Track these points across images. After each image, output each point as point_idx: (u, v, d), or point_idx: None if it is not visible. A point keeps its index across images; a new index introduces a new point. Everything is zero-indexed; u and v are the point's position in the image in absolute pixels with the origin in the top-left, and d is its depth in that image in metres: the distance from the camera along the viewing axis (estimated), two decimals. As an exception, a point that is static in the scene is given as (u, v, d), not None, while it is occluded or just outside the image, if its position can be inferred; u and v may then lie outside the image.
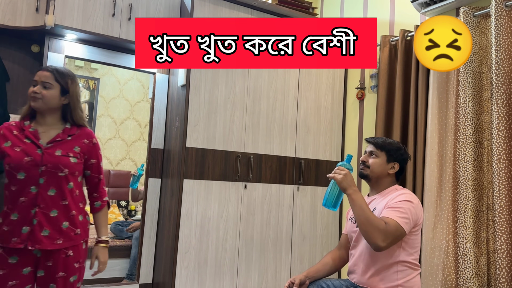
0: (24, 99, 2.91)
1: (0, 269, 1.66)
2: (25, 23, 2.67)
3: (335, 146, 3.40)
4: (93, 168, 1.85)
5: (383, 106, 2.90)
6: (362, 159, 2.02)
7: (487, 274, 2.29)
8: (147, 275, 3.03)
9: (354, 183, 1.79)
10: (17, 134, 1.73)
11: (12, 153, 1.68)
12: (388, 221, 1.74)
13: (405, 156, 2.01)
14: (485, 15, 2.45)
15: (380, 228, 1.70)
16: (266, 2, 3.07)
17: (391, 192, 1.94)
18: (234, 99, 2.96)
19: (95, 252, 1.86)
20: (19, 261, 1.68)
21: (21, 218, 1.67)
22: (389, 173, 1.98)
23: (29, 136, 1.73)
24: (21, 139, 1.72)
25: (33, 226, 1.67)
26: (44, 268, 1.72)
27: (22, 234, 1.66)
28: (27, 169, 1.68)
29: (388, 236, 1.71)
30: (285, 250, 3.11)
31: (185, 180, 2.75)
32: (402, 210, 1.78)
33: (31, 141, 1.73)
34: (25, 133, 1.74)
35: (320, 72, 3.36)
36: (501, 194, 2.17)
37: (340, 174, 1.79)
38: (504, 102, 2.23)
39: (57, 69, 1.81)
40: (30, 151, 1.70)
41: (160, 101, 3.15)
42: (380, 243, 1.70)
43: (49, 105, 1.76)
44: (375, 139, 2.03)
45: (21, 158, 1.68)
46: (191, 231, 2.76)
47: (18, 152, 1.69)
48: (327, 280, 2.03)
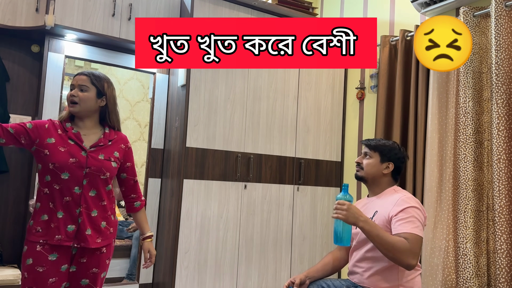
0: (24, 98, 2.91)
1: (40, 266, 1.68)
2: (25, 23, 2.67)
3: (335, 146, 3.40)
4: (128, 171, 1.92)
5: (383, 106, 2.90)
6: (357, 161, 2.04)
7: (487, 274, 2.29)
8: (147, 275, 3.03)
9: (360, 213, 1.74)
10: (61, 134, 1.77)
11: (57, 152, 1.73)
12: (407, 237, 1.72)
13: (399, 155, 1.99)
14: (485, 15, 2.45)
15: (405, 249, 1.69)
16: (266, 2, 3.07)
17: (390, 194, 1.93)
18: (234, 99, 2.96)
19: (146, 247, 1.95)
20: (58, 258, 1.72)
21: (67, 217, 1.73)
22: (384, 173, 1.97)
23: (73, 138, 1.78)
24: (65, 139, 1.77)
25: (79, 225, 1.74)
26: (76, 264, 1.77)
27: (68, 232, 1.72)
28: (72, 170, 1.73)
29: (415, 251, 1.71)
30: (285, 250, 3.11)
31: (185, 180, 2.75)
32: (413, 219, 1.77)
33: (75, 142, 1.78)
34: (69, 134, 1.78)
35: (320, 72, 3.36)
36: (501, 194, 2.17)
37: (343, 211, 1.72)
38: (504, 102, 2.23)
39: (93, 73, 1.86)
40: (75, 153, 1.76)
41: (160, 101, 3.15)
42: (412, 262, 1.71)
43: (87, 108, 1.80)
44: (369, 141, 2.03)
45: (67, 159, 1.73)
46: (191, 231, 2.76)
47: (63, 153, 1.73)
48: (327, 280, 2.03)
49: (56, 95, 2.79)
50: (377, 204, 1.93)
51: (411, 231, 1.73)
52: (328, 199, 3.34)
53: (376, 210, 1.90)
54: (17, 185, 2.86)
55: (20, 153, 2.88)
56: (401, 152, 2.01)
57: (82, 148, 1.78)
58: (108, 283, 3.04)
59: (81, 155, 1.76)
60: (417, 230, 1.75)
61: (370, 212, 1.92)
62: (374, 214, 1.89)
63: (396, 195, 1.89)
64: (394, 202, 1.85)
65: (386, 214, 1.84)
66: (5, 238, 2.81)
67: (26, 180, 2.88)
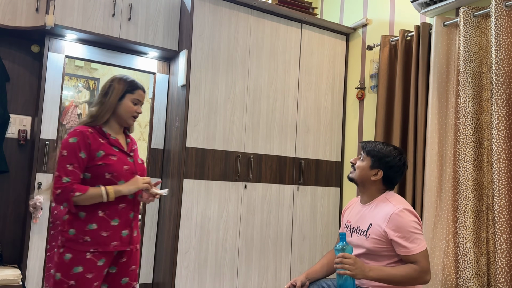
0: (24, 98, 2.91)
1: (89, 273, 1.70)
2: (25, 23, 2.67)
3: (335, 146, 3.40)
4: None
5: (383, 106, 2.91)
6: (351, 161, 2.01)
7: (487, 274, 2.29)
8: (147, 275, 3.03)
9: (365, 265, 1.72)
10: (103, 143, 1.78)
11: (111, 162, 1.76)
12: (414, 259, 1.74)
13: (392, 163, 1.88)
14: (485, 15, 2.45)
15: (418, 274, 1.72)
16: (266, 2, 3.07)
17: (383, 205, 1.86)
18: (234, 99, 2.96)
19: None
20: (105, 262, 1.75)
21: (122, 223, 1.78)
22: (372, 179, 1.90)
23: (115, 145, 1.82)
24: (109, 147, 1.79)
25: (131, 229, 1.81)
26: (116, 265, 1.81)
27: (123, 238, 1.78)
28: (126, 177, 1.78)
29: (426, 268, 1.74)
30: (285, 250, 3.11)
31: (185, 180, 2.75)
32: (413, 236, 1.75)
33: (118, 149, 1.82)
34: (110, 141, 1.81)
35: (320, 72, 3.36)
36: (501, 194, 2.17)
37: (350, 266, 1.68)
38: (504, 102, 2.23)
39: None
40: (125, 160, 1.81)
41: (160, 101, 3.15)
42: (427, 278, 1.74)
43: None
44: (366, 143, 1.97)
45: (121, 167, 1.78)
46: (191, 231, 2.76)
47: (116, 161, 1.77)
48: (327, 280, 2.03)
49: (56, 95, 2.79)
50: (370, 215, 1.88)
51: (416, 250, 1.74)
52: (328, 199, 3.35)
53: (371, 223, 1.86)
54: (17, 185, 2.86)
55: (20, 153, 2.88)
56: (397, 161, 1.89)
57: (127, 154, 1.84)
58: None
59: (128, 161, 1.82)
60: (420, 246, 1.74)
61: (365, 224, 1.88)
62: (369, 227, 1.85)
63: (388, 207, 1.82)
64: (387, 216, 1.79)
65: (380, 229, 1.80)
66: (5, 238, 2.81)
67: (26, 180, 2.88)
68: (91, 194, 1.69)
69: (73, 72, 3.23)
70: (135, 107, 1.84)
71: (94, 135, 1.76)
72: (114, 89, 1.81)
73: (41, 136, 2.72)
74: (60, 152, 1.72)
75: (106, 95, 1.81)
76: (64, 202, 1.67)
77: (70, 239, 1.71)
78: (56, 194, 1.67)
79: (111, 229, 1.74)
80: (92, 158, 1.73)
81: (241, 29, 3.02)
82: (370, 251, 1.84)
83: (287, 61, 3.21)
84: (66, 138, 1.74)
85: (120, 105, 1.82)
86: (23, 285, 2.50)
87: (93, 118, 1.79)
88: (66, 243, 1.71)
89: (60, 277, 1.69)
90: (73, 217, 1.73)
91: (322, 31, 3.38)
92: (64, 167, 1.69)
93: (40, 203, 2.64)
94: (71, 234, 1.71)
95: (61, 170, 1.68)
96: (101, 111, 1.80)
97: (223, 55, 2.94)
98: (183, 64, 2.84)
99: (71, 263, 1.69)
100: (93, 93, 3.32)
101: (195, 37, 2.84)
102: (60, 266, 1.69)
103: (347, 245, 1.75)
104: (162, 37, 3.00)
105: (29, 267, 2.65)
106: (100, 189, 1.70)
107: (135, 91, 1.84)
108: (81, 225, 1.72)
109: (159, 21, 3.00)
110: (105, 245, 1.72)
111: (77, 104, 3.28)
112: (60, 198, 1.67)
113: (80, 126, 1.77)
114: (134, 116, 1.85)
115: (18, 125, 2.87)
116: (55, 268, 1.71)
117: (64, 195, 1.66)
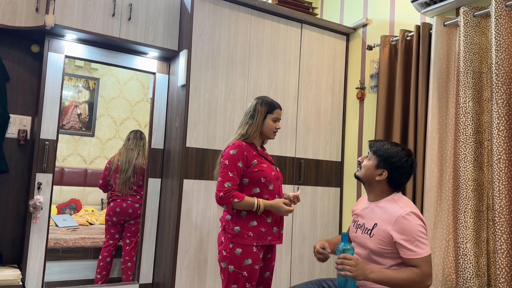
0: (24, 98, 2.91)
1: (257, 264, 2.07)
2: (25, 23, 2.67)
3: (335, 146, 3.40)
4: None
5: (383, 106, 2.90)
6: (358, 159, 2.00)
7: (487, 274, 2.29)
8: (147, 275, 3.03)
9: (366, 266, 1.71)
10: (255, 154, 2.17)
11: (264, 169, 2.14)
12: (417, 263, 1.72)
13: (398, 165, 1.85)
14: (485, 15, 2.45)
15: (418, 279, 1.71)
16: (266, 2, 3.07)
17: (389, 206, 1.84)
18: (234, 99, 2.96)
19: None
20: (262, 256, 2.13)
21: (273, 221, 2.14)
22: (377, 179, 1.88)
23: (263, 155, 2.22)
24: (259, 157, 2.18)
25: (279, 226, 2.17)
26: (264, 260, 2.19)
27: (274, 233, 2.14)
28: (274, 182, 2.17)
29: (428, 273, 1.72)
30: (285, 250, 3.11)
31: (185, 180, 2.75)
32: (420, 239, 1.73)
33: (265, 158, 2.22)
34: (259, 152, 2.20)
35: (320, 72, 3.36)
36: (501, 194, 2.17)
37: (352, 267, 1.67)
38: (504, 102, 2.23)
39: None
40: (271, 167, 2.20)
41: (160, 101, 3.15)
42: (428, 282, 1.73)
43: None
44: (374, 142, 1.96)
45: (270, 173, 2.16)
46: (191, 231, 2.76)
47: (267, 168, 2.16)
48: (327, 280, 2.03)
49: (56, 95, 2.79)
50: (376, 215, 1.87)
51: (419, 255, 1.72)
52: (328, 199, 3.34)
53: (376, 222, 1.85)
54: (17, 185, 2.86)
55: (20, 153, 2.88)
56: (403, 162, 1.86)
57: (271, 162, 2.25)
58: (108, 283, 3.04)
59: (273, 168, 2.21)
60: (424, 251, 1.73)
61: (370, 223, 1.88)
62: (374, 226, 1.85)
63: (395, 209, 1.80)
64: (393, 218, 1.78)
65: (385, 231, 1.79)
66: (5, 238, 2.81)
67: (26, 180, 2.88)
68: (246, 203, 2.05)
69: (73, 72, 3.23)
70: (274, 124, 2.22)
71: (248, 148, 2.15)
72: (258, 111, 2.18)
73: (41, 136, 2.72)
74: (223, 162, 2.09)
75: (253, 117, 2.18)
76: (224, 204, 2.04)
77: (236, 235, 2.06)
78: (219, 197, 2.04)
79: (267, 225, 2.10)
80: (249, 166, 2.11)
81: (241, 29, 3.02)
82: (373, 252, 1.83)
83: (287, 61, 3.21)
84: (227, 150, 2.11)
85: (264, 125, 2.20)
86: (23, 285, 2.50)
87: (246, 136, 2.17)
88: (233, 239, 2.06)
89: (233, 269, 2.03)
90: (236, 216, 2.09)
91: (322, 31, 3.38)
92: (226, 174, 2.06)
93: (40, 203, 2.64)
94: (236, 231, 2.06)
95: (224, 176, 2.06)
96: (251, 131, 2.17)
97: (223, 55, 2.94)
98: (183, 64, 2.84)
99: (242, 256, 2.03)
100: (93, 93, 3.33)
101: (195, 37, 2.84)
102: (232, 259, 2.04)
103: (349, 245, 1.74)
104: (162, 37, 3.00)
105: (29, 267, 2.65)
106: (254, 200, 2.06)
107: (274, 111, 2.21)
108: (244, 223, 2.07)
109: (159, 21, 3.00)
110: (264, 239, 2.08)
111: (77, 104, 3.28)
112: (222, 201, 2.04)
113: (237, 141, 2.14)
114: (274, 132, 2.22)
115: (18, 125, 2.87)
116: (227, 261, 2.05)
117: (225, 199, 2.03)
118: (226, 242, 2.08)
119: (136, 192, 3.15)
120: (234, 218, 2.09)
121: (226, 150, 2.12)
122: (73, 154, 3.26)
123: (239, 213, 2.08)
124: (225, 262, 2.06)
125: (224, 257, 2.07)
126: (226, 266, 2.05)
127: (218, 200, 2.05)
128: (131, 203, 3.13)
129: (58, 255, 2.95)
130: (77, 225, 3.21)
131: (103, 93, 3.36)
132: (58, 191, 3.21)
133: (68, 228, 3.15)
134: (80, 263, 3.06)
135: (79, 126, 3.28)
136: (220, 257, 2.09)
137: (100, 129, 3.36)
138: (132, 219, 3.14)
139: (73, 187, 3.28)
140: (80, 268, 3.05)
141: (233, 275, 2.03)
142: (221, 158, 2.12)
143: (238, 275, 2.03)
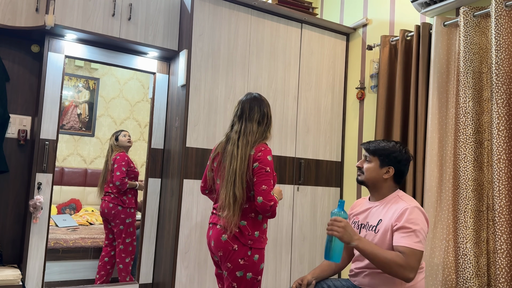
0: (24, 98, 2.91)
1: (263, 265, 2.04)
2: (25, 23, 2.67)
3: (335, 146, 3.40)
4: None
5: (383, 106, 2.90)
6: (357, 165, 2.00)
7: (487, 274, 2.29)
8: (147, 275, 3.03)
9: (355, 232, 1.73)
10: None
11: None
12: (404, 251, 1.70)
13: (400, 157, 1.91)
14: (485, 15, 2.45)
15: (401, 263, 1.68)
16: (266, 2, 3.07)
17: (395, 202, 1.87)
18: (234, 99, 2.96)
19: None
20: None
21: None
22: (385, 178, 1.92)
23: None
24: None
25: None
26: None
27: None
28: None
29: (412, 265, 1.69)
30: (285, 250, 3.11)
31: (185, 180, 2.75)
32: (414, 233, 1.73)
33: None
34: None
35: (320, 72, 3.36)
36: (501, 194, 2.17)
37: (339, 228, 1.70)
38: (504, 102, 2.23)
39: None
40: None
41: (160, 101, 3.15)
42: (408, 275, 1.69)
43: None
44: (368, 144, 1.98)
45: None
46: (191, 231, 2.76)
47: None
48: (327, 281, 2.03)
49: (56, 95, 2.78)
50: (382, 212, 1.89)
51: (410, 245, 1.71)
52: (328, 199, 3.34)
53: (380, 218, 1.86)
54: (17, 185, 2.86)
55: (20, 153, 2.88)
56: (403, 154, 1.93)
57: None
58: (108, 283, 3.04)
59: None
60: (417, 245, 1.72)
61: (374, 220, 1.89)
62: (378, 222, 1.86)
63: (401, 204, 1.83)
64: (398, 212, 1.80)
65: (389, 224, 1.81)
66: (5, 238, 2.81)
67: (26, 180, 2.88)
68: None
69: (73, 72, 3.23)
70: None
71: None
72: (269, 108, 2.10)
73: (41, 136, 2.72)
74: (264, 169, 1.93)
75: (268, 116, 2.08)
76: (271, 213, 1.91)
77: (257, 240, 1.98)
78: (270, 206, 1.89)
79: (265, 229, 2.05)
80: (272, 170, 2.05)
81: (241, 29, 3.02)
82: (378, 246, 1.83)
83: (287, 61, 3.21)
84: (264, 156, 1.95)
85: None
86: (23, 285, 2.50)
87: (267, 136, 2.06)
88: (253, 245, 1.96)
89: (251, 276, 1.95)
90: (253, 221, 1.98)
91: (322, 31, 3.38)
92: (269, 182, 1.93)
93: (40, 203, 2.64)
94: (256, 236, 1.98)
95: (269, 185, 1.92)
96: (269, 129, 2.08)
97: (223, 55, 2.94)
98: (183, 64, 2.84)
99: (259, 262, 1.97)
100: (93, 93, 3.33)
101: (195, 37, 2.84)
102: (251, 266, 1.94)
103: (343, 212, 1.77)
104: (162, 37, 3.00)
105: (29, 267, 2.65)
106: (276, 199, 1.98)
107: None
108: (261, 226, 2.01)
109: (159, 21, 3.00)
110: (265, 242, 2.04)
111: (77, 104, 3.28)
112: (274, 210, 1.91)
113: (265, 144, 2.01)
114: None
115: (18, 125, 2.87)
116: (244, 269, 1.93)
117: (275, 207, 1.91)
118: (242, 249, 1.94)
119: (110, 191, 3.10)
120: (252, 223, 1.97)
121: (263, 155, 1.96)
122: (73, 154, 3.26)
123: (257, 216, 1.99)
124: (243, 270, 1.94)
125: (241, 266, 1.94)
126: (244, 274, 1.94)
127: (268, 210, 1.89)
128: (106, 203, 3.09)
129: (58, 255, 2.95)
130: (77, 225, 3.21)
131: (103, 93, 3.36)
132: (58, 191, 3.21)
133: (68, 228, 3.15)
134: (80, 263, 3.06)
135: (79, 126, 3.28)
136: (235, 266, 1.94)
137: (100, 129, 3.36)
138: (112, 219, 3.09)
139: (73, 187, 3.28)
140: (80, 268, 3.05)
141: (250, 282, 1.95)
142: (258, 163, 1.94)
143: (254, 280, 1.97)
